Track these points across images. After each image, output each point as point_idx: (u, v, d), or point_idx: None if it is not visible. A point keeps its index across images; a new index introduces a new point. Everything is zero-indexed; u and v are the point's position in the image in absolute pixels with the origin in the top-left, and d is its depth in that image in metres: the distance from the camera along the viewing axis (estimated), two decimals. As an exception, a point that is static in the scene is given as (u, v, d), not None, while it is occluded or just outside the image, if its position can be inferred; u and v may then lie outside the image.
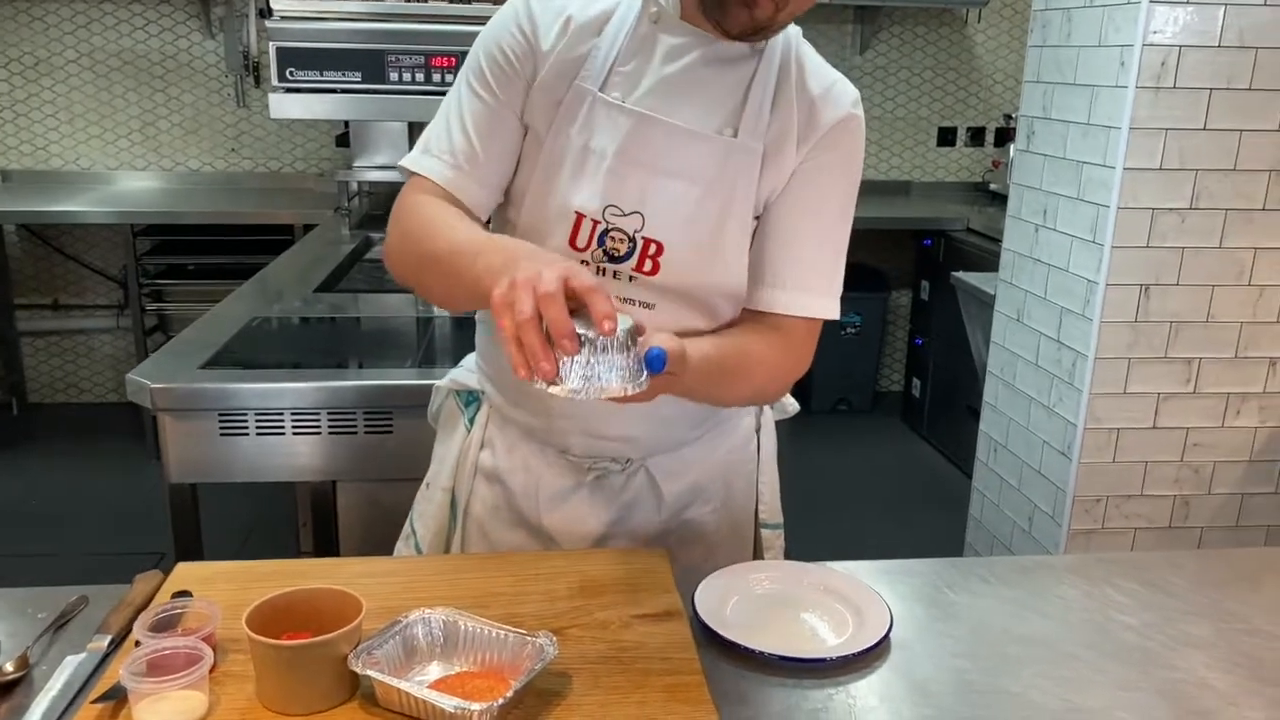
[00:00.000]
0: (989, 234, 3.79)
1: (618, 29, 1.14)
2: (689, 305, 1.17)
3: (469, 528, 1.31)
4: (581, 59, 1.13)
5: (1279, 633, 1.11)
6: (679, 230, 1.14)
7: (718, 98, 1.14)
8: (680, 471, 1.29)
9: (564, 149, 1.14)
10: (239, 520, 3.25)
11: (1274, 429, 2.35)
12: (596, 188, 1.13)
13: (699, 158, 1.13)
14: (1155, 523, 2.39)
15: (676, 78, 1.13)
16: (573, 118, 1.13)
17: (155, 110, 4.24)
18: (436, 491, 1.34)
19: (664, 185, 1.13)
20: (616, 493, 1.27)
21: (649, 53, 1.14)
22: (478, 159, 1.15)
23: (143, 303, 3.90)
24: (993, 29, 4.55)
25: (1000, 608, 1.15)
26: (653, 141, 1.12)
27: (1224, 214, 2.19)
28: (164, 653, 0.87)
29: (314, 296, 2.44)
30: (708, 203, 1.14)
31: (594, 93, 1.12)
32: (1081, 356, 2.30)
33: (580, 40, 1.14)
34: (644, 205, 1.13)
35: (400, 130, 3.48)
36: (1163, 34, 2.08)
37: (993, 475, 2.72)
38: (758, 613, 1.09)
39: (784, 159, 1.16)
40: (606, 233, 1.13)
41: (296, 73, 1.98)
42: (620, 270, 1.15)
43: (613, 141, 1.12)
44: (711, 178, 1.14)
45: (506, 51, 1.15)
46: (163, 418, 1.78)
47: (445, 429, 1.37)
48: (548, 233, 1.14)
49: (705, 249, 1.15)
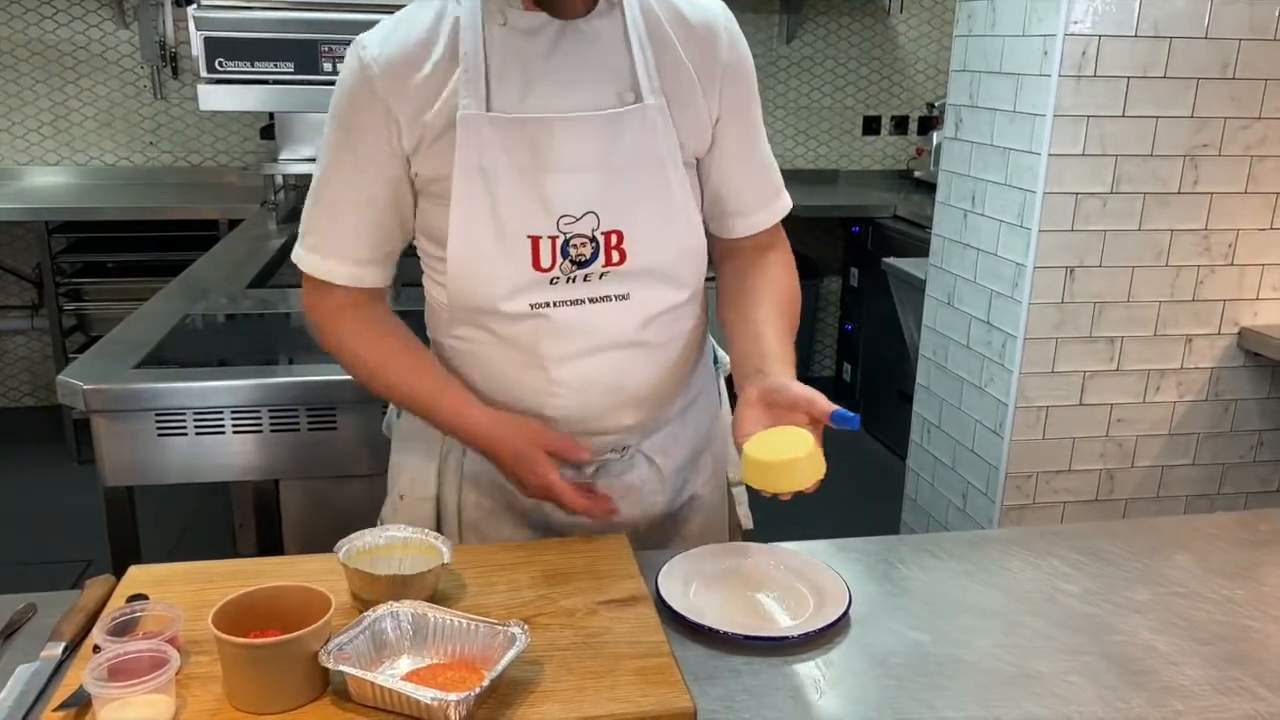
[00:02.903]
0: (916, 220, 3.87)
1: (473, 48, 1.10)
2: (658, 281, 1.19)
3: (465, 534, 1.28)
4: (455, 92, 1.10)
5: (1210, 594, 1.17)
6: (632, 212, 1.15)
7: (604, 66, 1.13)
8: (673, 448, 1.31)
9: (481, 181, 1.11)
10: (170, 523, 3.16)
11: (1191, 403, 2.45)
12: (539, 205, 1.12)
13: (620, 137, 1.13)
14: (1082, 496, 2.48)
15: (556, 65, 1.11)
16: (476, 145, 1.10)
17: (67, 103, 4.08)
18: (418, 503, 1.29)
19: (602, 177, 1.13)
20: (618, 479, 1.28)
21: (515, 54, 1.11)
22: (343, 240, 1.17)
23: (60, 303, 3.77)
24: (915, 19, 4.64)
25: (951, 581, 1.19)
26: (573, 140, 1.11)
27: (1142, 198, 2.28)
28: (127, 657, 0.85)
29: (246, 293, 2.39)
30: (644, 175, 1.15)
31: (486, 115, 1.09)
32: (1011, 337, 2.37)
33: (445, 76, 1.10)
34: (592, 203, 1.13)
35: (329, 122, 3.42)
36: (1083, 24, 2.15)
37: (927, 455, 2.79)
38: (720, 594, 1.11)
39: (694, 106, 1.17)
40: (568, 243, 1.13)
41: (226, 63, 1.93)
42: (590, 272, 1.15)
43: (533, 155, 1.11)
44: (637, 149, 1.14)
45: (363, 126, 1.11)
46: (96, 420, 1.73)
47: (411, 437, 1.31)
48: (502, 265, 1.13)
49: (661, 217, 1.17)
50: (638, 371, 1.22)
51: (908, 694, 0.97)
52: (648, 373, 1.22)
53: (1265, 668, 1.02)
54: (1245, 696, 0.98)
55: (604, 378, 1.20)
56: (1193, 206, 2.31)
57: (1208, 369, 2.43)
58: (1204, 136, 2.26)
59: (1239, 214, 2.33)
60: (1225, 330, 2.41)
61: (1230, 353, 2.43)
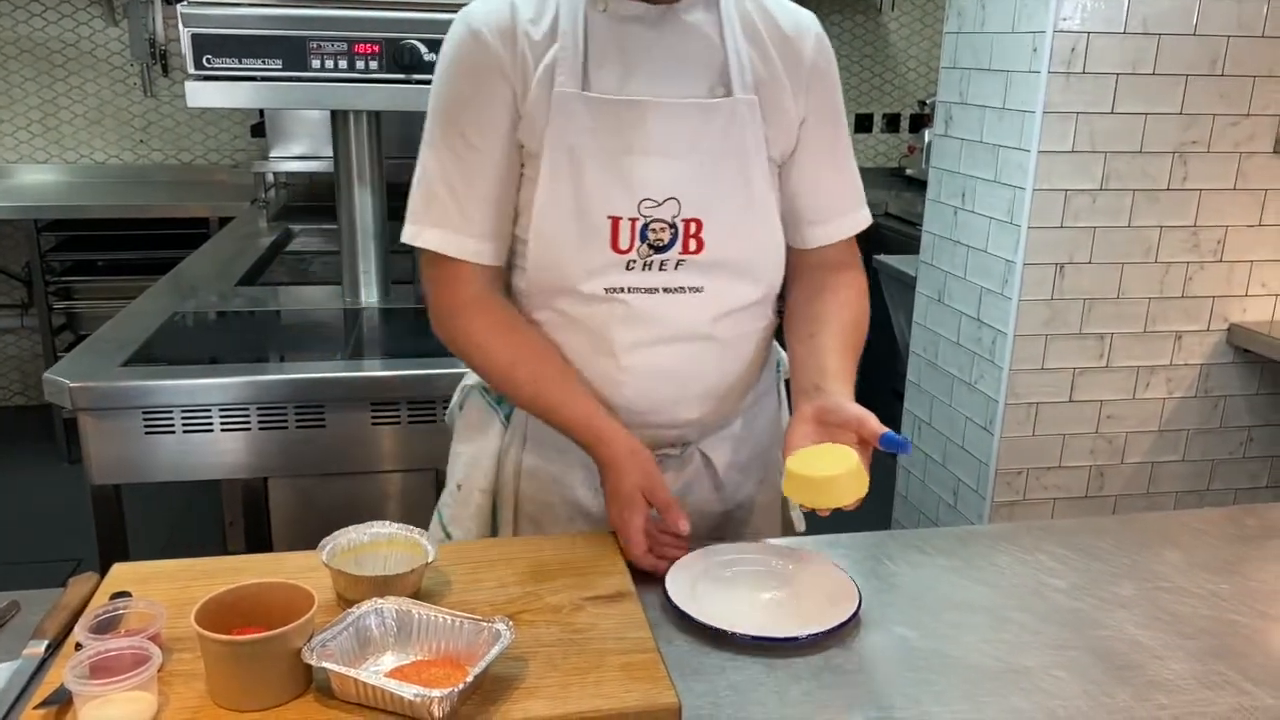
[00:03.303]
0: (907, 218, 3.87)
1: (569, 21, 1.14)
2: (734, 276, 1.20)
3: (521, 526, 1.29)
4: (551, 67, 1.13)
5: (1195, 590, 1.17)
6: (713, 202, 1.17)
7: (699, 59, 1.16)
8: (730, 449, 1.31)
9: (569, 159, 1.14)
10: (160, 522, 3.16)
11: (1180, 399, 2.46)
12: (623, 187, 1.14)
13: (709, 126, 1.16)
14: (1072, 493, 2.48)
15: (653, 54, 1.15)
16: (568, 124, 1.13)
17: (56, 100, 4.07)
18: (474, 493, 1.30)
19: (687, 164, 1.15)
20: (673, 477, 1.28)
21: (614, 39, 1.15)
22: (473, 217, 1.17)
23: (49, 301, 3.76)
24: (905, 16, 4.65)
25: (939, 576, 1.19)
26: (664, 125, 1.14)
27: (1132, 194, 2.28)
28: (109, 654, 0.85)
29: (236, 290, 2.38)
30: (729, 166, 1.17)
31: (582, 95, 1.13)
32: (1001, 334, 2.37)
33: (544, 50, 1.14)
34: (675, 189, 1.15)
35: (321, 118, 3.41)
36: (1072, 20, 2.15)
37: (917, 452, 2.79)
38: (727, 594, 1.10)
39: (782, 106, 1.20)
40: (647, 226, 1.15)
41: (214, 60, 1.91)
42: (666, 259, 1.17)
43: (623, 137, 1.14)
44: (725, 141, 1.16)
45: (479, 99, 1.15)
46: (83, 418, 1.73)
47: (472, 428, 1.33)
48: (579, 246, 1.15)
49: (741, 210, 1.18)
50: (705, 366, 1.23)
51: (895, 689, 0.97)
52: (715, 368, 1.24)
53: (1250, 662, 1.03)
54: (1230, 691, 0.98)
55: (672, 369, 1.21)
56: (1182, 203, 2.31)
57: (1197, 365, 2.44)
58: (1193, 133, 2.26)
59: (1228, 210, 2.34)
60: (1214, 327, 2.42)
61: (1219, 349, 2.44)
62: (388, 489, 2.13)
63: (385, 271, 2.29)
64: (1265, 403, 2.51)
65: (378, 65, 1.99)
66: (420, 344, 2.03)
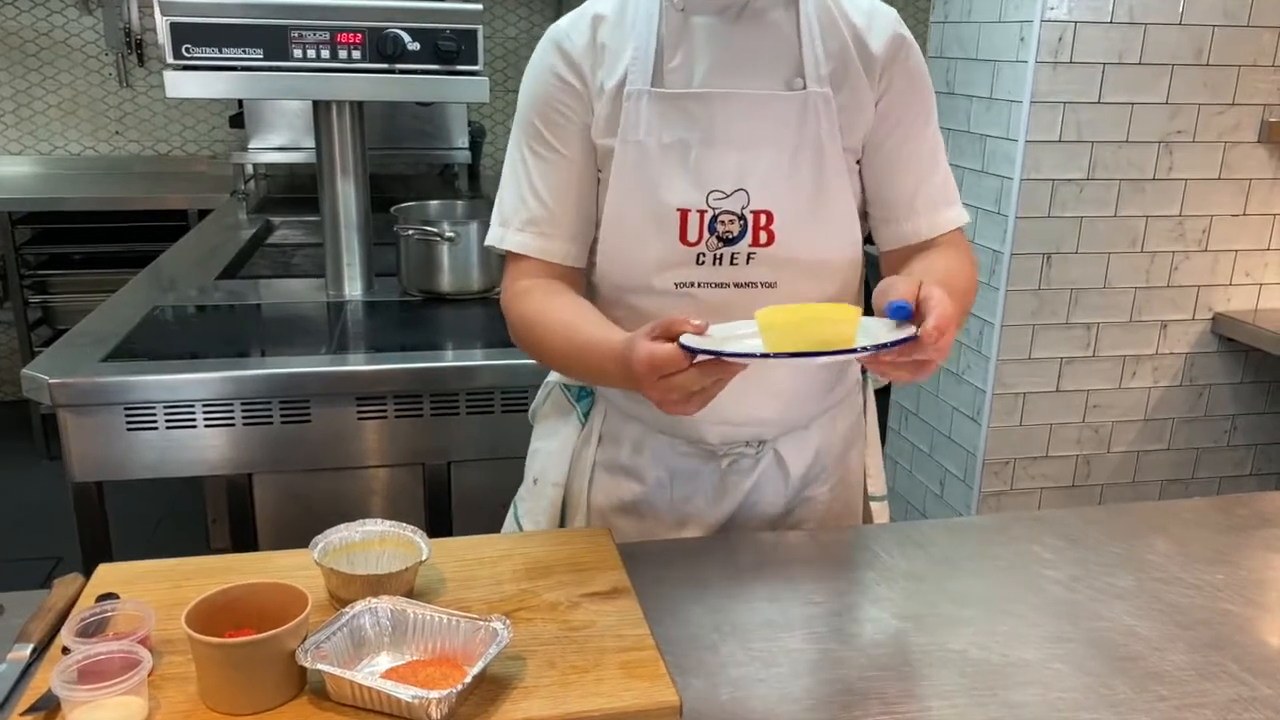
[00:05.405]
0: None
1: (646, 23, 1.15)
2: (808, 274, 1.18)
3: (593, 520, 1.30)
4: (625, 68, 1.15)
5: (1191, 580, 1.17)
6: (784, 194, 1.16)
7: (774, 53, 1.16)
8: (805, 450, 1.30)
9: (638, 154, 1.15)
10: (142, 519, 3.12)
11: (1166, 388, 2.47)
12: (692, 180, 1.15)
13: (779, 118, 1.15)
14: (1059, 482, 2.49)
15: (728, 49, 1.15)
16: (637, 122, 1.14)
17: (30, 91, 4.00)
18: (547, 488, 1.32)
19: (757, 155, 1.15)
20: (746, 475, 1.27)
21: (691, 39, 1.15)
22: (558, 219, 1.19)
23: (25, 295, 3.70)
24: (893, 5, 4.63)
25: (934, 569, 1.18)
26: (731, 117, 1.14)
27: (1118, 184, 2.29)
28: (97, 658, 0.83)
29: (216, 284, 2.35)
30: (801, 158, 1.16)
31: (649, 91, 1.14)
32: (989, 325, 2.37)
33: (620, 49, 1.16)
34: (744, 181, 1.15)
35: (301, 108, 3.36)
36: (1059, 10, 2.15)
37: (905, 443, 2.79)
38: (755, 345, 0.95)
39: (857, 99, 1.18)
40: (716, 218, 1.15)
41: (193, 50, 1.88)
42: (737, 251, 1.16)
43: (690, 130, 1.14)
44: (797, 133, 1.15)
45: (559, 106, 1.18)
46: (63, 414, 1.70)
47: (551, 423, 1.36)
48: (651, 237, 1.16)
49: (813, 204, 1.17)
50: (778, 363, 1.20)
51: (894, 684, 0.96)
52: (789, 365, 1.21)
53: (1247, 652, 1.03)
54: (1228, 681, 0.98)
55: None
56: (1167, 193, 2.32)
57: (1182, 354, 2.45)
58: (1178, 123, 2.27)
59: (1212, 200, 2.35)
60: (1199, 316, 2.43)
61: (1204, 338, 2.45)
62: (373, 484, 2.10)
63: (369, 264, 2.26)
64: (1249, 391, 2.53)
65: (360, 55, 1.96)
66: (405, 337, 2.01)
